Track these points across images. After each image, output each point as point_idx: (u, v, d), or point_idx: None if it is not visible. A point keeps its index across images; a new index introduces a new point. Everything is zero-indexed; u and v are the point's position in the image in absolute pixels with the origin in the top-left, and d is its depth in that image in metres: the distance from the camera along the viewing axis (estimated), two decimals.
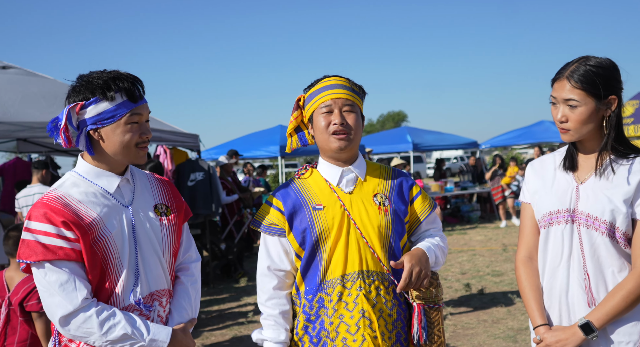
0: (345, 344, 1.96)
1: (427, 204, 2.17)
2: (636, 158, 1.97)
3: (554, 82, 1.99)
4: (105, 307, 1.77)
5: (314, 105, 2.07)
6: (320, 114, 2.05)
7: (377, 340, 1.95)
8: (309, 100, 2.10)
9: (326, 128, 2.04)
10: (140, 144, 1.88)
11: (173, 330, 1.85)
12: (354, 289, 1.98)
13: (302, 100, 2.14)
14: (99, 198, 1.86)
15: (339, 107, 2.04)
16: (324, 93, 2.06)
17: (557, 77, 1.98)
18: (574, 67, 1.94)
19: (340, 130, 2.02)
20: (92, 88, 1.82)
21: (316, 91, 2.08)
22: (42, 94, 7.60)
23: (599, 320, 1.88)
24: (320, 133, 2.06)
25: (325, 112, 2.04)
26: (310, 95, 2.10)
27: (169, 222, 1.98)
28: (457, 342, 5.15)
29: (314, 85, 2.10)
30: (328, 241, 2.01)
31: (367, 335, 1.94)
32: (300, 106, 2.15)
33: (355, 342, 1.95)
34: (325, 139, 2.05)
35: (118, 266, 1.82)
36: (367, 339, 1.94)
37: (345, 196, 2.07)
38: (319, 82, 2.10)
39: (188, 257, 2.09)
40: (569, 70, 1.94)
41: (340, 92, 2.05)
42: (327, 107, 2.04)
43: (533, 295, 2.05)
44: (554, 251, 2.02)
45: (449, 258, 9.35)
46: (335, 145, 2.04)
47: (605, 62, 1.95)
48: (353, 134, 2.05)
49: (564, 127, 1.97)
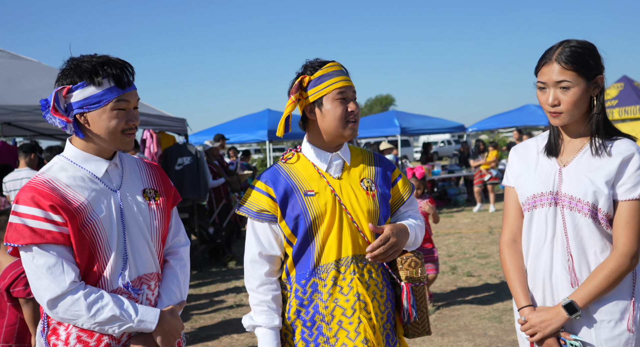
0: (341, 327, 2.00)
1: (408, 188, 2.25)
2: (617, 140, 2.00)
3: (541, 67, 2.00)
4: (93, 290, 1.78)
5: (326, 89, 2.04)
6: (335, 100, 2.04)
7: (372, 321, 2.02)
8: (317, 83, 2.06)
9: (344, 115, 2.05)
10: (126, 130, 1.88)
11: (161, 312, 1.87)
12: (348, 273, 2.01)
13: (307, 82, 2.07)
14: (87, 182, 1.86)
15: (351, 96, 2.08)
16: (338, 78, 2.05)
17: (544, 62, 1.98)
18: (560, 50, 1.95)
19: (354, 118, 2.07)
20: (80, 72, 1.81)
21: (327, 75, 2.05)
22: (27, 77, 7.50)
23: (582, 299, 1.93)
24: (336, 119, 2.05)
25: (341, 98, 2.05)
26: (318, 77, 2.05)
27: (157, 206, 1.99)
28: (444, 323, 5.23)
29: (320, 68, 2.06)
30: (322, 226, 2.03)
31: (363, 317, 2.00)
32: (302, 87, 2.09)
33: (352, 325, 1.99)
34: (339, 125, 2.05)
35: (106, 249, 1.83)
36: (363, 321, 1.99)
37: (335, 182, 2.09)
38: (325, 66, 2.07)
39: (177, 241, 2.10)
40: (556, 53, 1.95)
41: (348, 79, 2.09)
42: (343, 94, 2.05)
43: (517, 277, 2.09)
44: (538, 233, 2.05)
45: (436, 241, 9.43)
46: (349, 132, 2.07)
47: (586, 42, 1.98)
48: (358, 122, 2.11)
49: (556, 110, 1.97)
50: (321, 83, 2.06)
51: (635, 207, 1.94)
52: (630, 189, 1.94)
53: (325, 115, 2.07)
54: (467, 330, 5.01)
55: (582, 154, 2.02)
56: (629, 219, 1.93)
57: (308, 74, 2.08)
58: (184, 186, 8.03)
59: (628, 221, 1.93)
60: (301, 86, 2.08)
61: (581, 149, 2.03)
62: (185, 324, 5.63)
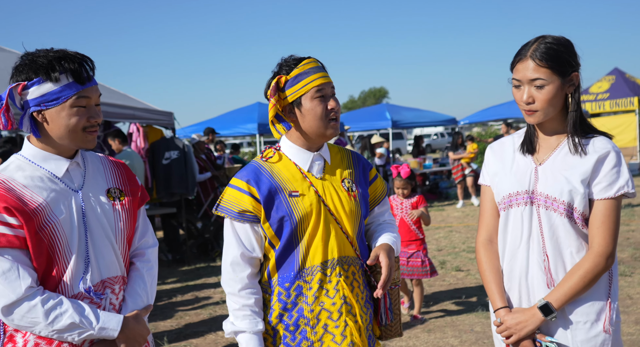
0: (327, 330, 1.95)
1: (383, 187, 2.21)
2: (593, 138, 1.95)
3: (516, 63, 1.95)
4: (51, 295, 1.70)
5: (303, 88, 1.96)
6: (314, 99, 1.97)
7: (358, 323, 1.98)
8: (295, 83, 1.97)
9: (324, 114, 1.97)
10: (88, 127, 1.79)
11: (124, 318, 1.79)
12: (334, 275, 1.96)
13: (283, 82, 2.00)
14: (46, 183, 1.78)
15: (330, 92, 2.00)
16: (315, 76, 1.97)
17: (519, 59, 1.93)
18: (535, 46, 1.90)
19: (335, 116, 2.00)
20: (36, 68, 1.73)
21: (303, 73, 1.97)
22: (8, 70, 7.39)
23: (558, 301, 1.88)
24: (318, 119, 1.97)
25: (320, 96, 1.97)
26: (295, 77, 1.97)
27: (122, 206, 1.91)
28: (430, 318, 5.19)
29: (295, 67, 1.98)
30: (308, 228, 1.97)
31: (349, 320, 1.96)
32: (280, 88, 2.01)
33: (338, 329, 1.94)
34: (321, 125, 1.98)
35: (66, 252, 1.75)
36: (349, 324, 1.95)
37: (317, 182, 2.03)
38: (301, 64, 1.99)
39: (144, 243, 2.02)
40: (531, 50, 1.90)
41: (326, 76, 2.01)
42: (321, 91, 1.97)
43: (493, 278, 2.04)
44: (514, 233, 2.01)
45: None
46: (330, 131, 2.00)
47: (562, 38, 1.93)
48: (339, 120, 2.04)
49: (531, 109, 1.92)
50: (298, 82, 1.97)
51: (611, 206, 1.89)
52: (605, 188, 1.89)
53: (305, 115, 1.99)
54: (454, 326, 4.97)
55: (558, 152, 1.97)
56: (605, 219, 1.89)
57: (284, 73, 2.00)
58: (172, 180, 7.95)
59: (604, 221, 1.89)
60: (278, 87, 2.00)
61: (557, 147, 1.98)
62: (171, 321, 5.57)
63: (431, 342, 4.61)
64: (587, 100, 18.63)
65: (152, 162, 8.09)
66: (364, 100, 67.88)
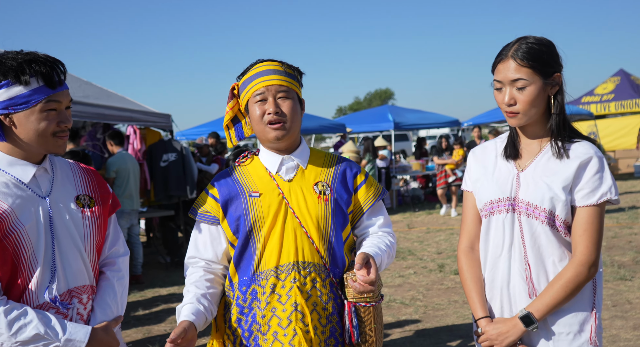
0: (276, 338, 1.88)
1: (372, 194, 2.07)
2: (575, 143, 1.89)
3: (497, 64, 1.89)
4: (15, 305, 1.66)
5: (247, 94, 1.97)
6: (254, 103, 1.95)
7: (309, 334, 1.87)
8: (243, 88, 1.99)
9: (261, 118, 1.94)
10: (58, 132, 1.76)
11: (93, 329, 1.75)
12: (287, 281, 1.89)
13: (237, 89, 2.03)
14: (12, 189, 1.74)
15: (272, 95, 1.94)
16: (256, 80, 1.95)
17: (500, 59, 1.88)
18: (516, 46, 1.86)
19: (275, 119, 1.93)
20: (4, 70, 1.69)
21: (249, 79, 1.97)
22: None
23: (539, 311, 1.83)
24: (257, 123, 1.96)
25: (259, 101, 1.94)
26: (243, 82, 1.99)
27: (92, 214, 1.87)
28: (427, 323, 5.13)
29: (247, 72, 1.99)
30: (262, 230, 1.92)
31: (299, 329, 1.86)
32: (236, 95, 2.04)
33: (286, 337, 1.86)
34: (261, 129, 1.96)
35: (32, 261, 1.71)
36: (298, 334, 1.86)
37: (285, 184, 1.98)
38: (251, 69, 1.99)
39: (115, 252, 1.98)
40: (512, 50, 1.85)
41: (273, 78, 1.95)
42: (261, 95, 1.94)
43: (474, 287, 1.99)
44: (495, 241, 1.95)
45: (426, 237, 9.34)
46: (271, 135, 1.95)
47: (544, 39, 1.88)
48: (289, 122, 1.96)
49: (512, 110, 1.87)
50: (245, 88, 1.99)
51: (594, 214, 1.84)
52: (588, 195, 1.84)
53: (251, 119, 2.00)
54: (450, 331, 4.90)
55: (540, 157, 1.92)
56: (587, 226, 1.83)
57: (238, 79, 2.02)
58: (170, 182, 7.93)
59: (586, 228, 1.83)
60: (233, 94, 2.03)
61: (539, 153, 1.93)
62: (165, 325, 5.53)
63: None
64: (592, 101, 18.51)
65: (150, 165, 8.07)
66: (370, 101, 67.73)
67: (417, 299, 5.88)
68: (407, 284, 6.51)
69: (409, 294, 6.08)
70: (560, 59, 1.89)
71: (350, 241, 2.06)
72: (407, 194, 14.25)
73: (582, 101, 18.68)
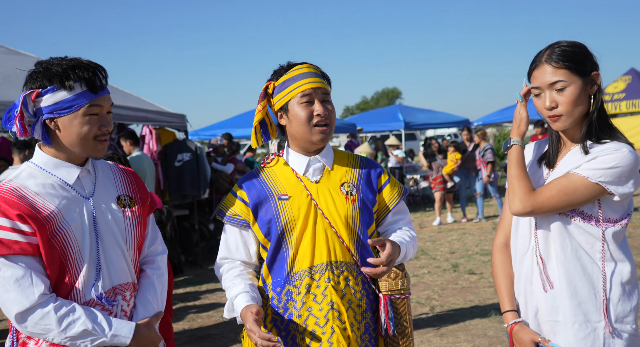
0: (314, 336, 1.92)
1: (396, 193, 2.13)
2: (607, 143, 1.88)
3: (532, 71, 1.91)
4: (64, 302, 1.72)
5: (290, 94, 1.99)
6: (299, 104, 1.98)
7: (347, 331, 1.92)
8: (282, 89, 2.01)
9: (308, 119, 1.97)
10: (99, 136, 1.81)
11: (136, 325, 1.80)
12: (322, 280, 1.94)
13: (272, 89, 2.05)
14: (58, 190, 1.79)
15: (319, 97, 1.99)
16: (302, 81, 1.98)
17: (535, 66, 1.90)
18: (549, 52, 1.88)
19: (323, 121, 1.98)
20: (50, 76, 1.74)
21: (291, 79, 2.00)
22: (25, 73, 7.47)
23: (514, 152, 1.94)
24: (301, 124, 1.98)
25: (306, 102, 1.98)
26: (283, 83, 2.01)
27: (132, 214, 1.92)
28: (442, 323, 5.16)
29: (285, 73, 2.02)
30: (294, 231, 1.97)
31: (336, 327, 1.91)
32: (269, 94, 2.07)
33: (325, 335, 1.91)
34: (306, 130, 1.98)
35: (78, 259, 1.76)
36: (336, 331, 1.91)
37: (312, 186, 2.03)
38: (291, 70, 2.01)
39: (154, 250, 2.03)
40: (545, 55, 1.88)
41: (318, 81, 2.00)
42: (307, 97, 1.97)
43: (504, 281, 2.04)
44: (522, 239, 2.00)
45: (438, 237, 9.38)
46: (317, 137, 1.99)
47: (576, 42, 1.91)
48: (332, 125, 2.02)
49: (555, 113, 1.86)
50: (285, 88, 2.00)
51: (572, 179, 1.83)
52: (580, 168, 1.84)
53: (291, 120, 2.02)
54: (467, 330, 4.93)
55: (569, 154, 1.94)
56: (560, 187, 1.84)
57: (274, 80, 2.04)
58: (184, 182, 8.00)
59: (557, 186, 1.84)
60: (267, 93, 2.05)
61: (570, 150, 1.95)
62: (183, 324, 5.60)
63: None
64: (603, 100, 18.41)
65: (164, 165, 8.14)
66: (377, 100, 67.65)
67: (432, 299, 5.92)
68: (422, 284, 6.54)
69: (424, 294, 6.11)
70: (594, 58, 1.89)
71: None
72: (417, 194, 14.27)
73: None
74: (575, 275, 1.86)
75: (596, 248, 1.88)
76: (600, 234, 1.87)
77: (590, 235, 1.87)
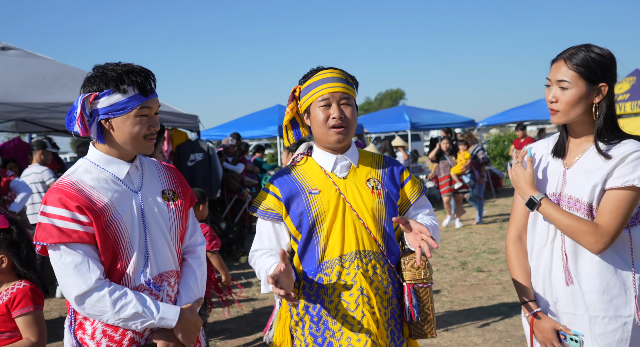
0: (346, 320, 2.06)
1: (417, 188, 2.29)
2: (620, 142, 2.01)
3: (553, 63, 2.05)
4: (117, 287, 1.87)
5: (311, 98, 2.15)
6: (318, 107, 2.13)
7: (375, 315, 2.07)
8: (306, 92, 2.17)
9: (325, 121, 2.13)
10: (148, 135, 1.96)
11: (181, 309, 1.95)
12: (352, 268, 2.08)
13: (298, 92, 2.21)
14: (110, 184, 1.94)
15: (337, 101, 2.13)
16: (322, 86, 2.13)
17: (556, 59, 2.04)
18: (573, 51, 2.00)
19: (338, 124, 2.12)
20: (107, 80, 1.89)
21: (313, 84, 2.15)
22: (42, 75, 7.62)
23: (547, 204, 2.02)
24: (319, 126, 2.14)
25: (324, 105, 2.13)
26: (307, 87, 2.17)
27: (175, 207, 2.07)
28: (453, 318, 5.30)
29: (310, 77, 2.17)
30: (324, 223, 2.11)
31: (366, 311, 2.06)
32: (296, 97, 2.23)
33: (355, 319, 2.06)
34: (324, 132, 2.14)
35: (129, 248, 1.92)
36: (366, 315, 2.05)
37: (340, 181, 2.18)
38: (315, 74, 2.17)
39: (194, 241, 2.19)
40: (568, 53, 2.01)
41: (337, 85, 2.14)
42: (325, 101, 2.13)
43: (521, 274, 2.17)
44: (541, 233, 2.12)
45: (445, 236, 9.50)
46: (333, 138, 2.14)
47: (605, 51, 2.00)
48: (350, 127, 2.16)
49: (553, 108, 2.04)
50: (308, 91, 2.16)
51: (619, 197, 1.94)
52: (615, 179, 1.95)
53: (313, 122, 2.18)
54: (477, 325, 5.06)
55: (586, 155, 2.06)
56: (613, 207, 1.93)
57: (300, 83, 2.21)
58: (196, 182, 8.14)
59: (612, 209, 1.93)
60: (294, 96, 2.22)
61: (585, 151, 2.07)
62: None
63: (455, 341, 4.72)
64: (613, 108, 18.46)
65: (177, 165, 8.28)
66: (381, 101, 67.69)
67: (442, 295, 6.05)
68: None
69: (434, 290, 6.25)
70: (613, 72, 2.00)
71: (399, 231, 2.24)
72: None
73: None
74: (607, 273, 1.99)
75: (626, 247, 2.01)
76: (628, 233, 2.01)
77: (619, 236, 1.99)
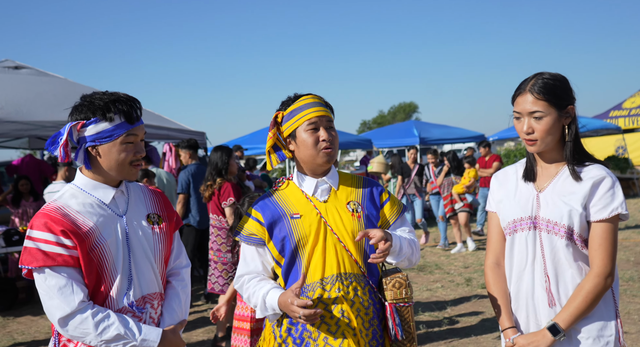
0: (327, 342, 2.11)
1: (396, 209, 2.33)
2: (588, 166, 2.10)
3: (516, 97, 2.13)
4: (100, 309, 1.93)
5: (297, 122, 2.20)
6: (305, 131, 2.19)
7: (357, 337, 2.11)
8: (290, 117, 2.23)
9: (314, 144, 2.18)
10: (134, 161, 2.03)
11: (163, 331, 2.00)
12: (333, 291, 2.13)
13: (281, 117, 2.26)
14: (96, 209, 2.01)
15: (323, 125, 2.20)
16: (308, 110, 2.20)
17: (519, 93, 2.12)
18: (533, 81, 2.09)
19: (328, 146, 2.19)
20: (94, 108, 1.98)
21: (298, 108, 2.21)
22: (54, 93, 7.81)
23: (565, 321, 2.03)
24: (309, 149, 2.19)
25: (312, 129, 2.19)
26: (290, 112, 2.23)
27: (160, 230, 2.14)
28: (454, 337, 5.28)
29: (292, 103, 2.24)
30: (306, 247, 2.16)
31: (347, 333, 2.10)
32: (278, 123, 2.27)
33: (337, 341, 2.10)
34: (313, 154, 2.19)
35: (112, 271, 1.98)
36: (347, 337, 2.10)
37: (321, 205, 2.23)
38: (297, 100, 2.23)
39: (179, 263, 2.25)
40: (529, 84, 2.09)
41: (322, 109, 2.21)
42: (313, 124, 2.19)
43: (501, 299, 2.19)
44: (520, 256, 2.15)
45: (453, 252, 9.46)
46: (323, 159, 2.20)
47: (558, 75, 2.11)
48: (335, 149, 2.23)
49: (531, 138, 2.10)
50: (293, 116, 2.22)
51: (607, 228, 2.04)
52: (600, 210, 2.04)
53: (299, 145, 2.22)
54: (478, 343, 5.05)
55: (557, 179, 2.13)
56: (602, 241, 2.04)
57: (282, 109, 2.26)
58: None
59: (601, 243, 2.04)
60: (276, 122, 2.27)
61: (556, 175, 2.14)
62: (202, 334, 5.78)
63: None
64: (620, 115, 18.42)
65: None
66: (394, 115, 67.82)
67: (445, 312, 6.04)
68: (435, 298, 6.66)
69: (437, 307, 6.24)
70: (573, 93, 2.12)
71: None
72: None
73: (610, 115, 18.62)
74: None
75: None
76: None
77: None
